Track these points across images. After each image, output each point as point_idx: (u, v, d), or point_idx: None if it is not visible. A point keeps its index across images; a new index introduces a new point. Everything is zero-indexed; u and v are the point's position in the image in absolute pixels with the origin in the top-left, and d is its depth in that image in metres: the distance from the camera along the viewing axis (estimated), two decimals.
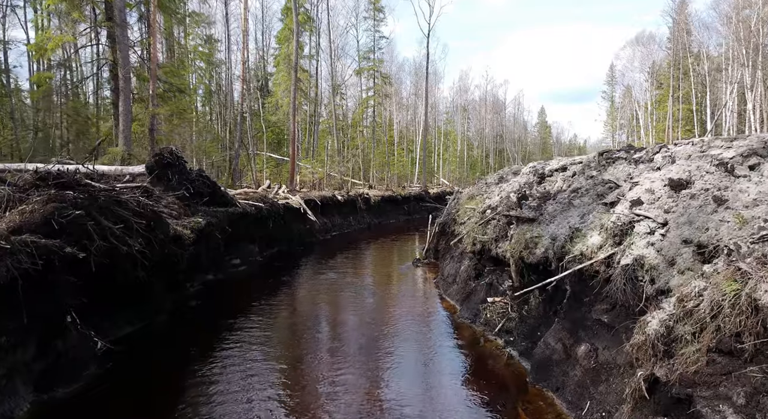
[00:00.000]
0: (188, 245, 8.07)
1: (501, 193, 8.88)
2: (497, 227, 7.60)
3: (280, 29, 29.97)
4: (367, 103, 37.13)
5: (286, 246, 16.03)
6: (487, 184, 12.32)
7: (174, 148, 9.82)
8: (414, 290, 10.18)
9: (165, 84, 13.20)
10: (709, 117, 37.93)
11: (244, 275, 11.70)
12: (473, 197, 11.09)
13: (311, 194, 20.76)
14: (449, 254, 10.94)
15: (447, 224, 12.22)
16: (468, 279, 8.69)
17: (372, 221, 25.18)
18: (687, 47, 42.21)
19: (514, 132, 70.49)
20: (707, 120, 38.64)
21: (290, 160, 21.77)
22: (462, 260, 9.28)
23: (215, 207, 11.18)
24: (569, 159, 8.09)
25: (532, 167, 8.66)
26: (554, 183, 7.64)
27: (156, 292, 7.21)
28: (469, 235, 8.19)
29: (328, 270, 12.52)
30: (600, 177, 6.19)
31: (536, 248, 6.08)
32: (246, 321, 7.61)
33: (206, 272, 10.44)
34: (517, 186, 8.61)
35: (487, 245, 7.72)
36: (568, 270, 4.93)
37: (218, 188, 11.70)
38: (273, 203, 14.58)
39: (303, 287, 10.64)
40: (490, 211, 8.14)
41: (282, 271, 12.19)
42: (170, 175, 9.56)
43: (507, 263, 7.29)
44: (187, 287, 9.27)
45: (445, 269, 10.14)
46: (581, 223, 5.61)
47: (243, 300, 9.17)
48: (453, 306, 8.47)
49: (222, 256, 11.04)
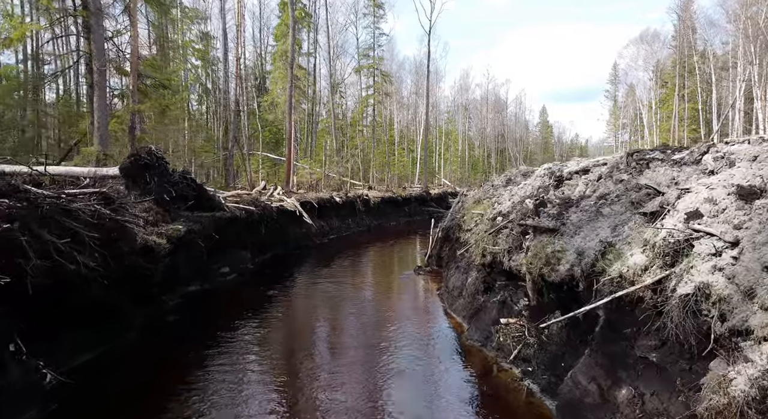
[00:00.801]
0: (163, 255, 7.22)
1: (512, 198, 8.01)
2: (510, 237, 6.74)
3: (276, 25, 29.09)
4: (366, 101, 36.25)
5: (280, 251, 15.18)
6: (494, 186, 11.46)
7: (153, 147, 8.97)
8: (416, 304, 9.32)
9: (148, 79, 12.29)
10: (715, 116, 37.09)
11: (233, 285, 10.84)
12: (480, 201, 10.23)
13: (308, 196, 19.89)
14: (454, 263, 10.08)
15: (451, 230, 11.36)
16: (476, 293, 7.82)
17: (371, 223, 24.31)
18: (692, 45, 41.32)
19: (516, 132, 69.61)
20: (713, 119, 37.81)
21: (286, 160, 20.92)
22: (469, 272, 8.42)
23: (201, 212, 10.34)
24: (591, 160, 7.21)
25: (548, 169, 7.80)
26: (574, 187, 6.77)
27: (123, 310, 6.37)
28: (477, 245, 7.33)
29: (323, 279, 11.66)
30: (633, 182, 5.32)
31: (559, 264, 5.21)
32: (226, 340, 6.75)
33: (189, 283, 9.58)
34: (531, 190, 7.74)
35: (498, 257, 6.86)
36: (603, 297, 4.06)
37: (204, 190, 10.86)
38: (265, 207, 13.74)
39: (294, 299, 9.79)
40: (501, 218, 7.27)
41: (273, 280, 11.33)
42: (148, 177, 8.71)
43: (521, 278, 6.44)
44: (165, 301, 8.41)
45: (450, 280, 9.28)
46: (614, 236, 4.75)
47: (226, 315, 8.32)
48: (459, 324, 7.61)
49: (207, 265, 10.19)
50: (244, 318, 7.88)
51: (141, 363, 6.04)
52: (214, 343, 6.65)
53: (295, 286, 10.95)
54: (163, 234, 7.61)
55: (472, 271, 8.29)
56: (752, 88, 32.61)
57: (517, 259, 6.41)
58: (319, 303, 9.50)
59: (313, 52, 32.13)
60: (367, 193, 25.39)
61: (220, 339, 6.82)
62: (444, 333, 7.33)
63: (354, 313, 8.55)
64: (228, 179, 20.73)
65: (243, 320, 7.78)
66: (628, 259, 4.11)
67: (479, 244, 7.23)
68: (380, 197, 26.08)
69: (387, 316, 8.29)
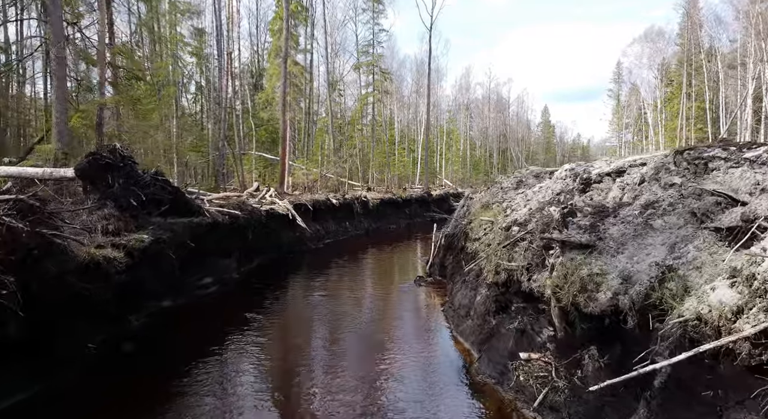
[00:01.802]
0: (118, 272, 6.13)
1: (529, 203, 6.91)
2: (529, 251, 5.64)
3: (271, 19, 28.01)
4: (366, 99, 35.15)
5: (271, 258, 14.10)
6: (503, 189, 10.37)
7: (118, 145, 7.89)
8: (417, 324, 8.21)
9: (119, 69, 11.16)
10: (723, 115, 36.00)
11: (213, 298, 9.75)
12: (488, 206, 9.13)
13: (303, 198, 18.81)
14: (459, 275, 8.98)
15: (456, 238, 10.26)
16: (486, 314, 6.72)
17: (370, 226, 23.21)
18: (700, 43, 40.16)
19: (518, 131, 68.45)
20: (720, 118, 36.73)
21: (281, 160, 19.85)
22: (478, 288, 7.32)
23: (176, 217, 9.26)
24: (624, 159, 6.10)
25: (570, 171, 6.70)
26: (606, 192, 5.68)
27: (60, 340, 5.27)
28: (489, 260, 6.23)
29: (314, 290, 10.57)
30: (691, 186, 4.23)
31: (598, 291, 4.12)
32: (188, 371, 5.67)
33: (160, 299, 8.49)
34: (551, 195, 6.65)
35: (514, 276, 5.76)
36: (674, 347, 2.97)
37: (181, 193, 9.77)
38: (253, 210, 12.64)
39: (278, 316, 8.68)
40: (518, 228, 6.17)
41: (258, 292, 10.24)
42: (111, 179, 7.62)
43: (544, 301, 5.34)
44: (130, 321, 7.32)
45: (456, 297, 8.17)
46: (675, 258, 3.66)
47: (195, 337, 7.24)
48: (468, 351, 6.52)
49: (182, 277, 9.10)
50: (215, 342, 6.79)
51: (82, 402, 4.96)
52: (174, 374, 5.57)
53: (282, 299, 9.86)
54: (122, 246, 6.52)
55: (481, 288, 7.19)
56: (762, 86, 31.49)
57: (538, 279, 5.31)
58: (306, 323, 8.40)
59: (310, 49, 31.05)
60: (366, 194, 24.30)
61: (181, 368, 5.74)
62: (449, 363, 6.23)
63: (346, 337, 7.45)
64: (218, 180, 19.64)
65: (214, 344, 6.68)
66: (707, 295, 3.01)
67: (491, 259, 6.13)
68: (379, 198, 24.98)
69: (384, 340, 7.19)
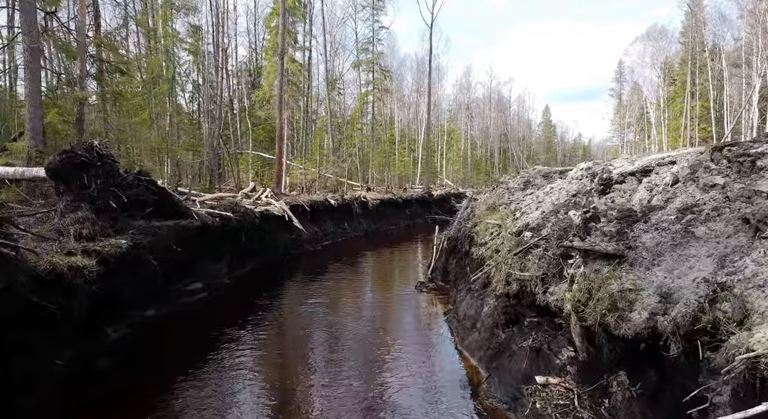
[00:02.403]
0: (90, 281, 5.55)
1: (541, 206, 6.32)
2: (544, 260, 5.05)
3: (268, 14, 27.41)
4: (365, 98, 34.55)
5: (266, 261, 13.52)
6: (510, 190, 9.79)
7: (96, 143, 7.30)
8: (419, 335, 7.61)
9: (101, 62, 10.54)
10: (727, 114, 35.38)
11: (201, 306, 9.17)
12: (495, 209, 8.55)
13: (299, 199, 18.22)
14: (464, 282, 8.40)
15: (459, 241, 9.67)
16: (495, 327, 6.14)
17: (370, 227, 22.62)
18: (704, 41, 39.52)
19: (519, 131, 67.80)
20: (725, 117, 36.11)
21: (277, 159, 19.27)
22: (485, 298, 6.73)
23: (162, 220, 8.69)
24: (650, 157, 5.50)
25: (587, 170, 6.11)
26: (631, 194, 5.09)
27: (17, 359, 4.69)
28: (499, 269, 5.64)
29: (309, 297, 9.98)
30: (738, 188, 3.64)
31: (632, 310, 3.53)
32: (167, 389, 5.10)
33: (143, 307, 7.91)
34: (566, 197, 6.06)
35: (528, 287, 5.17)
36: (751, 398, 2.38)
37: (168, 195, 9.19)
38: (246, 212, 12.06)
39: (269, 325, 8.09)
40: (530, 233, 5.58)
41: (249, 298, 9.66)
42: (87, 179, 7.04)
43: (563, 317, 4.76)
44: (107, 334, 6.75)
45: (461, 306, 7.58)
46: (727, 274, 3.07)
47: (176, 352, 6.67)
48: (475, 368, 5.94)
49: (168, 283, 8.53)
50: (199, 356, 6.22)
51: None
52: (149, 393, 5.00)
53: (274, 307, 9.27)
54: (95, 252, 5.94)
55: (488, 298, 6.61)
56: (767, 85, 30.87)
57: (556, 292, 4.72)
58: (300, 335, 7.81)
59: (308, 46, 30.46)
60: (365, 195, 23.71)
61: (158, 387, 5.17)
62: (455, 382, 5.64)
63: (343, 351, 6.86)
64: (213, 180, 19.06)
65: (198, 358, 6.11)
66: None
67: (501, 267, 5.54)
68: (379, 198, 24.40)
69: (384, 355, 6.60)
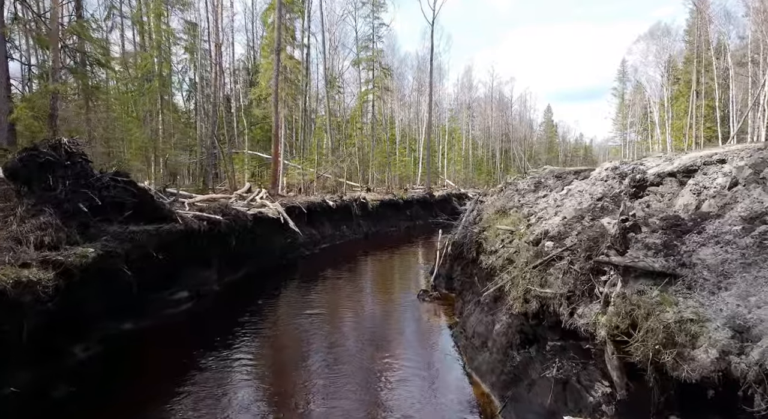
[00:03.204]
0: (43, 299, 4.84)
1: (561, 210, 5.60)
2: (570, 274, 4.33)
3: (265, 9, 26.69)
4: (365, 96, 33.82)
5: (259, 266, 12.81)
6: (519, 191, 9.07)
7: (65, 140, 6.59)
8: (422, 354, 6.87)
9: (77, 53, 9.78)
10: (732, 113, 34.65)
11: (185, 317, 8.47)
12: (506, 213, 7.82)
13: (296, 200, 17.51)
14: (471, 293, 7.68)
15: (465, 247, 8.95)
16: (509, 348, 5.42)
17: (369, 229, 21.91)
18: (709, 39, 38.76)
19: (520, 131, 67.03)
20: (730, 116, 35.37)
21: (273, 159, 18.55)
22: (496, 313, 6.01)
23: (143, 224, 7.99)
24: (692, 155, 4.76)
25: (614, 170, 5.39)
26: (671, 198, 4.37)
27: None
28: (515, 284, 4.92)
29: (304, 307, 9.26)
30: None
31: (695, 346, 2.81)
32: None
33: (119, 321, 7.20)
34: (590, 200, 5.34)
35: (551, 306, 4.45)
36: None
37: (149, 197, 8.48)
38: (238, 214, 11.33)
39: (258, 339, 7.37)
40: (552, 243, 4.86)
41: (238, 308, 8.95)
42: (53, 180, 6.33)
43: (595, 343, 4.03)
44: (73, 354, 6.04)
45: (469, 321, 6.86)
46: None
47: (156, 368, 5.97)
48: (486, 396, 5.22)
49: (148, 294, 7.81)
50: (178, 375, 5.51)
51: None
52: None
53: (264, 318, 8.54)
54: (56, 263, 5.22)
55: (500, 313, 5.89)
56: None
57: (586, 314, 4.00)
58: (292, 351, 7.09)
59: (307, 44, 29.70)
60: (365, 195, 23.01)
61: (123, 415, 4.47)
62: (464, 411, 4.92)
63: (339, 372, 6.14)
64: (207, 180, 18.35)
65: (176, 379, 5.40)
66: None
67: (519, 283, 4.81)
68: (379, 199, 23.69)
69: (383, 375, 5.89)
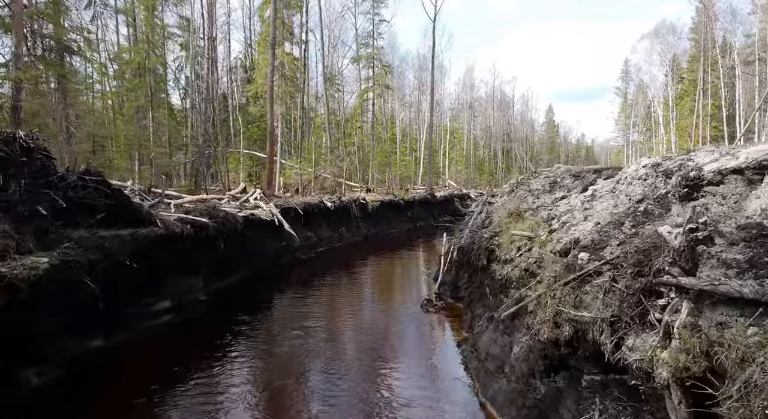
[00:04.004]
0: None
1: (591, 214, 4.79)
2: (613, 295, 3.52)
3: (261, 4, 25.90)
4: (366, 94, 33.01)
5: (252, 272, 12.02)
6: (533, 192, 8.28)
7: (21, 133, 5.79)
8: (428, 376, 6.04)
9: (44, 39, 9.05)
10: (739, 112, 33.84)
11: (168, 329, 7.67)
12: (519, 216, 7.01)
13: (292, 201, 16.71)
14: (482, 305, 6.87)
15: (474, 253, 8.13)
16: (530, 375, 4.61)
17: (369, 231, 21.11)
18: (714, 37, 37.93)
19: (521, 131, 66.20)
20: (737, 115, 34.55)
21: (268, 159, 17.75)
22: (514, 333, 5.20)
23: (118, 228, 7.19)
24: (762, 147, 3.93)
25: (655, 167, 4.58)
26: (737, 201, 3.56)
27: None
28: (542, 303, 4.10)
29: (296, 318, 8.46)
30: None
31: None
32: None
33: (85, 339, 6.40)
34: (627, 202, 4.52)
35: (589, 333, 3.63)
36: None
37: (125, 198, 7.68)
38: (227, 217, 10.52)
39: (244, 358, 6.55)
40: (586, 255, 4.05)
41: (223, 321, 8.14)
42: (4, 179, 5.53)
43: (646, 381, 3.22)
44: (26, 381, 5.23)
45: (481, 339, 6.05)
46: None
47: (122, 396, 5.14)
48: None
49: (122, 306, 7.00)
50: (148, 405, 4.70)
51: None
52: None
53: (253, 332, 7.73)
54: None
55: (519, 333, 5.08)
56: None
57: (638, 347, 3.19)
58: (280, 371, 6.27)
59: (305, 40, 28.87)
60: (365, 196, 22.20)
61: None
62: None
63: (331, 400, 5.34)
64: (200, 180, 17.55)
65: (146, 410, 4.60)
66: None
67: (547, 303, 4.00)
68: (380, 200, 22.88)
69: (385, 405, 5.08)
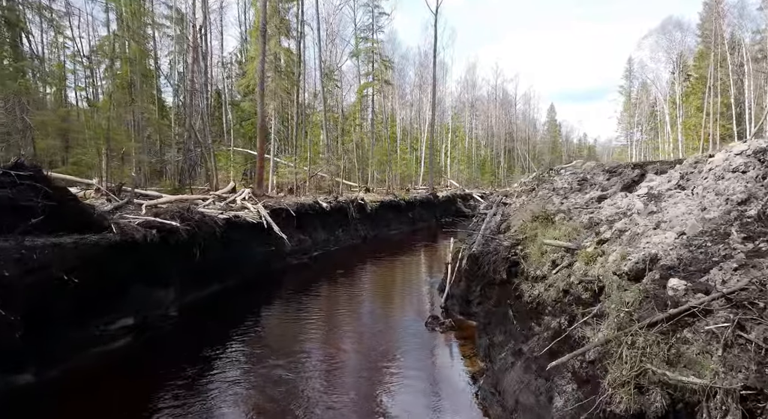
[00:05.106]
0: None
1: (668, 221, 3.50)
2: (743, 350, 2.24)
3: None
4: (365, 90, 31.74)
5: (235, 280, 10.73)
6: (557, 191, 7.01)
7: None
8: None
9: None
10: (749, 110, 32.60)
11: (126, 353, 6.39)
12: (548, 219, 5.72)
13: (284, 201, 15.43)
14: (505, 332, 5.57)
15: (490, 264, 6.83)
16: None
17: (368, 233, 19.82)
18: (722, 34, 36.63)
19: (523, 130, 64.95)
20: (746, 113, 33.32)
21: (258, 156, 16.47)
22: (554, 378, 3.91)
23: (60, 234, 5.92)
24: None
25: (757, 154, 3.32)
26: None
27: None
28: (613, 354, 2.81)
29: (280, 340, 7.16)
30: None
31: None
32: None
33: (10, 373, 5.11)
34: (723, 204, 3.24)
35: (698, 407, 2.34)
36: None
37: (71, 199, 6.41)
38: (203, 219, 9.24)
39: (208, 395, 5.26)
40: (681, 283, 2.75)
41: (197, 341, 6.86)
42: None
43: None
44: None
45: (505, 378, 4.75)
46: None
47: None
48: None
49: (59, 330, 5.72)
50: None
51: None
52: None
53: (225, 355, 6.42)
54: None
55: (562, 379, 3.79)
56: None
57: None
58: (260, 412, 4.99)
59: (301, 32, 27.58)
60: (363, 196, 20.91)
61: None
62: None
63: None
64: (184, 178, 16.27)
65: None
66: None
67: (621, 352, 2.71)
68: (379, 200, 21.60)
69: None
